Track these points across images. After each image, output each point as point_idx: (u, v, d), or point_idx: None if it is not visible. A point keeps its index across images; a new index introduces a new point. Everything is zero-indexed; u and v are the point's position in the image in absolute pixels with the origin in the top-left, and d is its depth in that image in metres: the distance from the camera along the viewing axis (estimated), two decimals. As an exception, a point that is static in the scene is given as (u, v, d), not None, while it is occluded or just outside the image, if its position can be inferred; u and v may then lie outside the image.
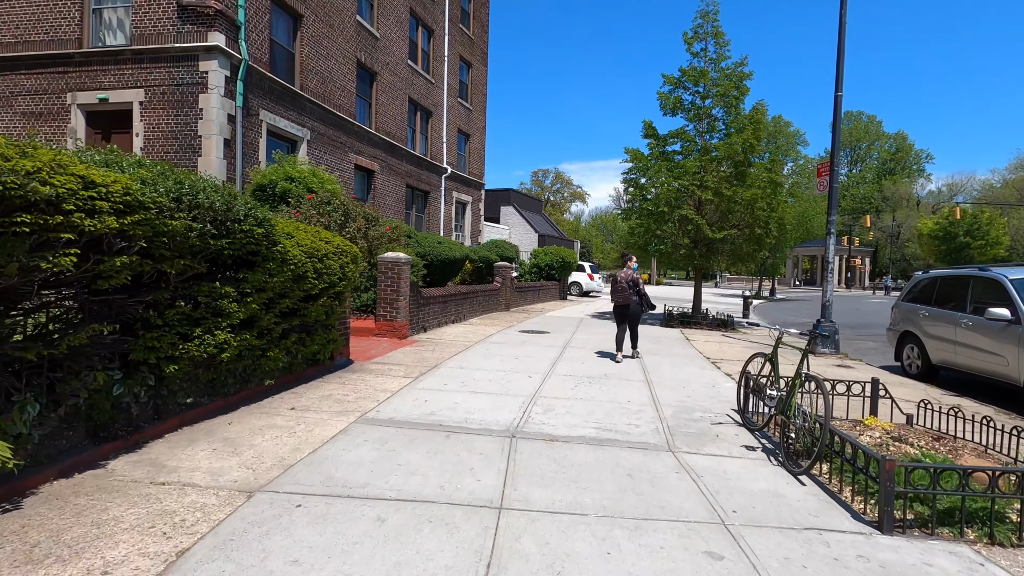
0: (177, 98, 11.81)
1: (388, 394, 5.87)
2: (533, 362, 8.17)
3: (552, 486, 3.63)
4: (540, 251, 24.51)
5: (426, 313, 11.10)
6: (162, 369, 4.18)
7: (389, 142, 19.18)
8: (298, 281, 5.59)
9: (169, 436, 4.23)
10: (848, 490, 3.71)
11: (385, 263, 9.62)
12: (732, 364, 8.88)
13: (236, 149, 12.15)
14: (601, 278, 32.10)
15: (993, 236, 42.07)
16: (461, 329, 11.69)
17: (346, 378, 6.55)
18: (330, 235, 6.49)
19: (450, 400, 5.73)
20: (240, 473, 3.62)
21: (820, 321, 10.35)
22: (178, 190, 4.00)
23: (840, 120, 10.33)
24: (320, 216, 9.98)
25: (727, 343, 11.74)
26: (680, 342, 11.50)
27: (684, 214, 13.93)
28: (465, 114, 25.59)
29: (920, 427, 5.44)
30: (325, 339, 6.63)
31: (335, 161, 16.23)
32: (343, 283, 6.54)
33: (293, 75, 14.56)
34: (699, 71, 15.10)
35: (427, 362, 7.82)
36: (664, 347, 10.54)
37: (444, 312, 12.14)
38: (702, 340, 11.99)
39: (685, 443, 4.67)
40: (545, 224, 48.66)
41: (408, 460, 3.97)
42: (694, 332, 13.56)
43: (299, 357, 6.11)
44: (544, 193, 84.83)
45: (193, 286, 4.39)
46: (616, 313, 8.90)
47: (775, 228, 13.98)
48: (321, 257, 5.94)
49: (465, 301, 13.66)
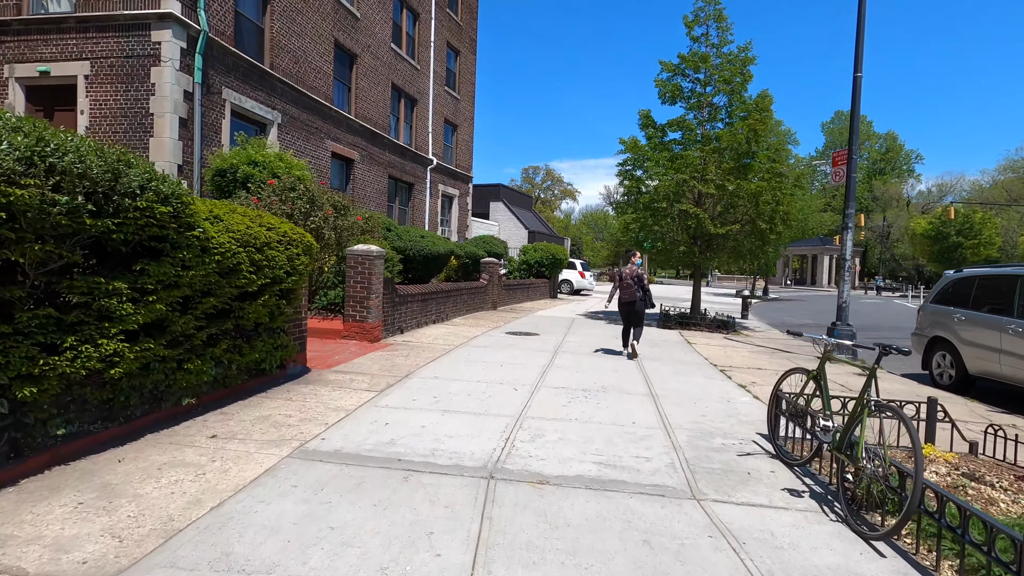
0: (127, 72, 10.60)
1: (342, 414, 4.81)
2: (520, 370, 7.14)
3: (541, 565, 2.59)
4: (530, 247, 23.48)
5: (403, 313, 10.03)
6: (14, 392, 3.09)
7: (370, 130, 18.03)
8: (228, 275, 4.51)
9: (28, 481, 3.15)
10: (949, 568, 2.72)
11: (354, 257, 8.53)
12: (743, 373, 7.91)
13: (194, 130, 10.97)
14: (592, 276, 31.16)
15: (986, 236, 41.70)
16: (442, 330, 10.63)
17: (296, 392, 5.47)
18: (276, 221, 5.40)
19: (417, 422, 4.68)
20: (98, 546, 2.55)
21: (836, 324, 9.42)
22: (29, 148, 2.91)
23: (859, 103, 9.40)
24: (282, 203, 8.87)
25: (732, 347, 10.79)
26: (681, 346, 10.53)
27: (684, 209, 12.96)
28: (452, 103, 24.46)
29: (987, 457, 4.48)
30: (271, 345, 5.55)
31: (310, 148, 15.06)
32: (292, 278, 5.46)
33: (262, 52, 13.37)
34: (700, 56, 14.13)
35: (398, 370, 6.76)
36: (665, 352, 9.56)
37: (424, 312, 11.07)
38: (704, 344, 11.03)
39: (711, 485, 3.65)
40: (535, 221, 47.63)
41: (345, 520, 2.92)
42: (694, 335, 12.61)
43: (234, 368, 5.02)
44: (534, 190, 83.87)
45: (65, 281, 3.30)
46: (622, 310, 8.84)
47: (780, 223, 13.05)
48: (261, 247, 4.86)
49: (448, 299, 12.60)
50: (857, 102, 9.41)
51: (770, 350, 10.66)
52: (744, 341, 11.96)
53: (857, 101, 9.40)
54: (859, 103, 9.39)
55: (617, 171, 14.47)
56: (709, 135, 13.83)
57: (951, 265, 43.36)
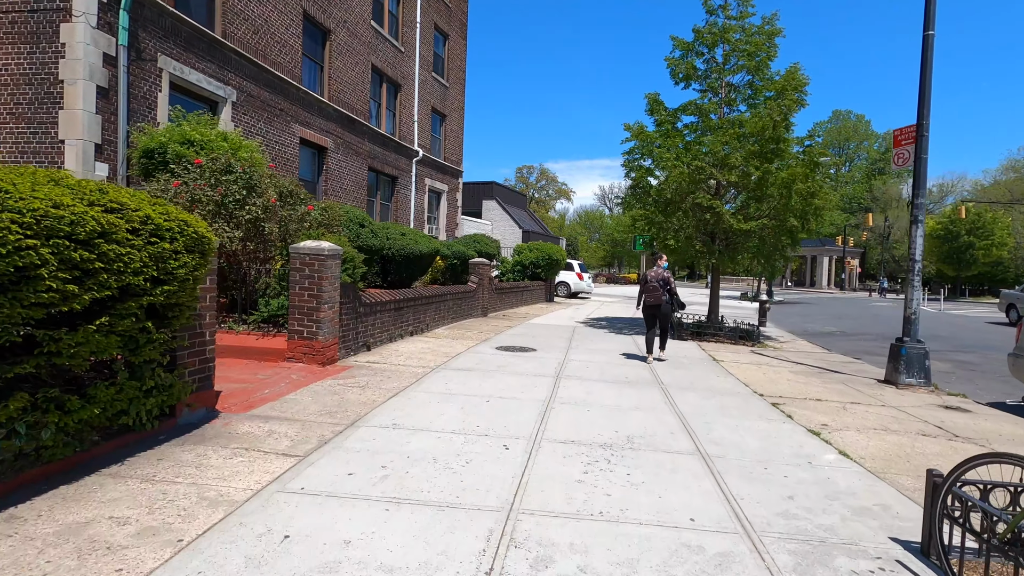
0: (31, 29, 8.67)
1: (220, 513, 2.93)
2: (512, 410, 5.29)
3: None
4: (524, 247, 21.64)
5: (370, 325, 8.15)
6: None
7: (347, 115, 16.13)
8: (15, 286, 2.64)
9: None
10: None
11: (300, 256, 6.64)
12: (802, 408, 6.09)
13: (118, 102, 9.04)
14: (590, 277, 29.29)
15: (998, 237, 40.25)
16: (419, 345, 8.75)
17: (171, 460, 3.59)
18: (135, 201, 3.50)
19: (342, 531, 2.81)
20: None
21: (904, 341, 7.62)
22: None
23: (931, 66, 7.62)
24: (211, 188, 6.97)
25: (768, 366, 8.97)
26: (709, 365, 8.70)
27: (699, 202, 11.14)
28: (440, 91, 22.58)
29: None
30: (135, 389, 3.66)
31: (274, 132, 13.15)
32: (166, 288, 3.57)
33: (212, 17, 11.46)
34: (720, 30, 12.34)
35: (343, 413, 4.89)
36: (694, 375, 7.71)
37: (398, 322, 9.19)
38: (733, 361, 9.21)
39: None
40: (529, 220, 45.71)
41: None
42: (717, 348, 10.79)
43: (50, 436, 3.12)
44: (529, 190, 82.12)
45: None
46: (646, 314, 8.64)
47: (814, 218, 11.28)
48: (88, 239, 2.98)
49: (429, 307, 10.73)
50: (928, 63, 7.62)
51: (815, 369, 8.86)
52: (777, 357, 10.15)
53: (928, 62, 7.62)
54: (930, 65, 7.61)
55: (623, 161, 12.65)
56: (728, 120, 12.03)
57: (961, 266, 41.91)
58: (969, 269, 41.74)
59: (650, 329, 8.52)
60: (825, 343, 13.12)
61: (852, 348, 12.40)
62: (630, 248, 67.54)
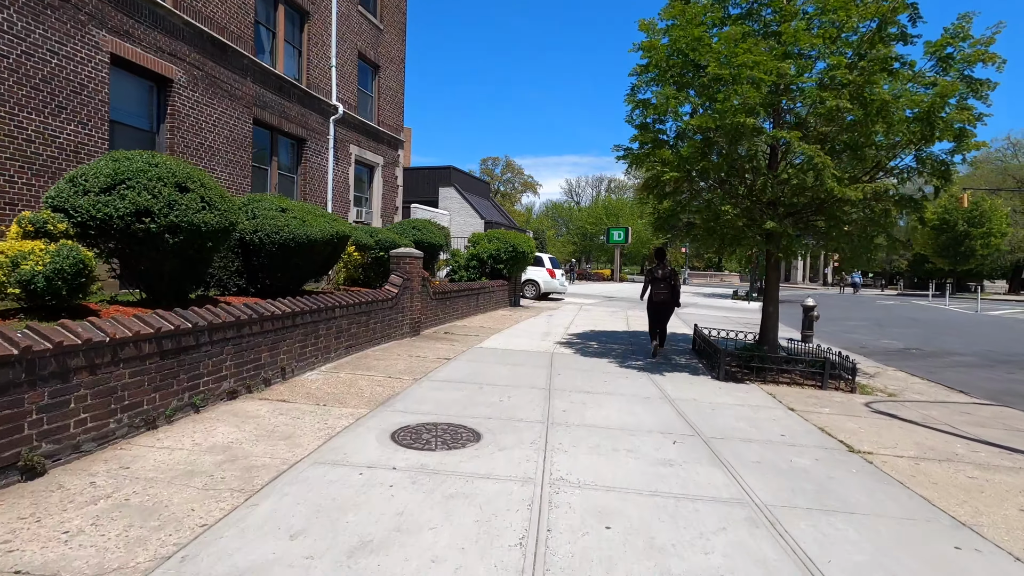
0: None
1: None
2: None
3: None
4: (482, 236, 16.80)
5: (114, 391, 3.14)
6: None
7: (213, 36, 10.90)
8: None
9: None
10: None
11: None
12: None
13: None
14: (563, 274, 24.41)
15: (996, 227, 37.50)
16: (224, 436, 3.78)
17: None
18: None
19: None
20: None
21: None
22: None
23: None
24: None
25: (935, 451, 4.34)
26: (839, 461, 4.00)
27: (779, 136, 6.45)
28: (372, 34, 17.41)
29: None
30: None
31: (54, 39, 7.89)
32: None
33: None
34: None
35: None
36: (830, 500, 2.97)
37: (194, 374, 4.17)
38: (870, 440, 4.56)
39: None
40: (493, 210, 40.62)
41: None
42: (799, 396, 6.15)
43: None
44: (494, 183, 77.18)
45: None
46: (651, 309, 8.57)
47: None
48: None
49: (291, 332, 5.74)
50: None
51: (1006, 453, 4.28)
52: (921, 422, 5.55)
53: None
54: None
55: (630, 85, 7.76)
56: (797, 11, 7.29)
57: (958, 259, 39.02)
58: (967, 262, 38.88)
59: (654, 323, 8.61)
60: (921, 370, 8.81)
61: (964, 380, 8.13)
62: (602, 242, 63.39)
